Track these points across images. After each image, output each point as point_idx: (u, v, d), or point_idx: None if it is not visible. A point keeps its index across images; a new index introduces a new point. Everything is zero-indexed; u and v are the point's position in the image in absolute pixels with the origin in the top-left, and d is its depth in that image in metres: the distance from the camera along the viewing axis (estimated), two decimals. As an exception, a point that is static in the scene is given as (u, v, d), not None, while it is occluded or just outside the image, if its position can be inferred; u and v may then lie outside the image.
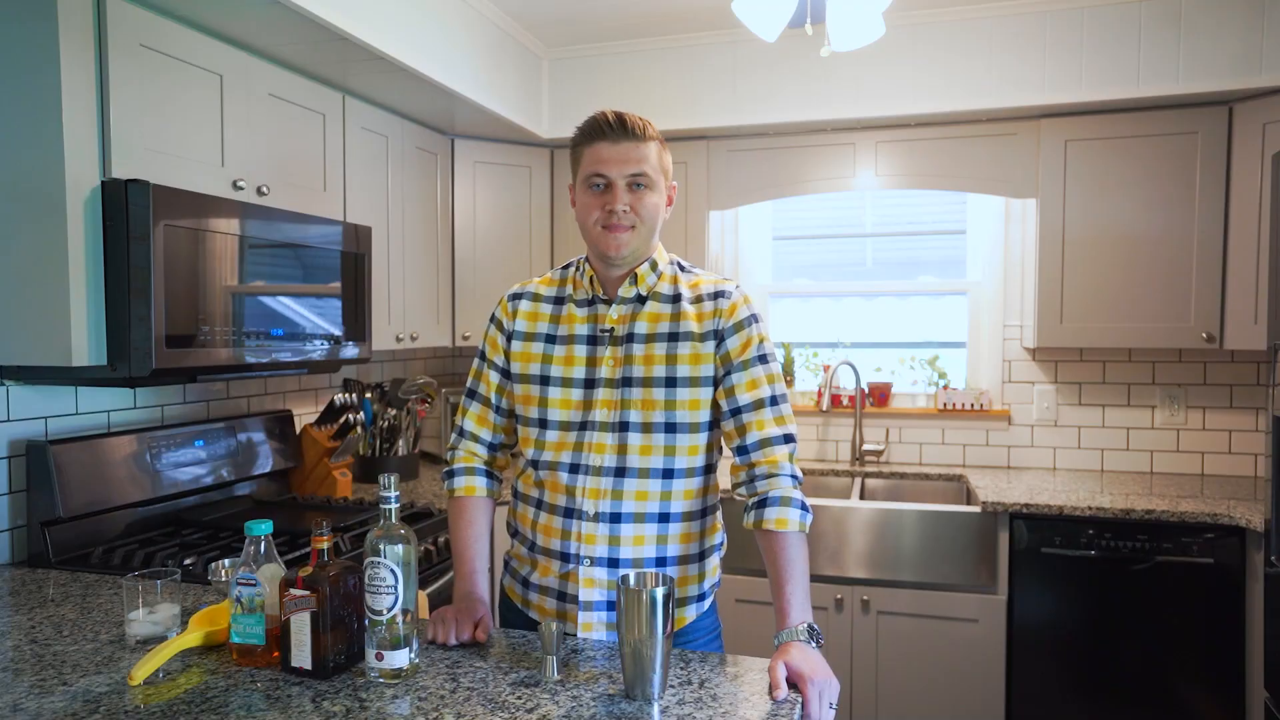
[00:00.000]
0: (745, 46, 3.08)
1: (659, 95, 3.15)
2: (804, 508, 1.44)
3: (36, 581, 1.81)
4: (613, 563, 1.46)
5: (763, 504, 1.44)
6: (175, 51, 1.96)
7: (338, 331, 2.37)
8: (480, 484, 1.59)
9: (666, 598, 1.18)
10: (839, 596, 2.80)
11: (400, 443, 3.02)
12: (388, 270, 2.81)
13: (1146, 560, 2.57)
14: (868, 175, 3.14)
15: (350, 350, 2.43)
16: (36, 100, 1.70)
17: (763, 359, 1.48)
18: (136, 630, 1.40)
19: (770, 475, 1.45)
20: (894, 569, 2.76)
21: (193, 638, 1.33)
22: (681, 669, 1.30)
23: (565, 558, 1.48)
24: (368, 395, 2.93)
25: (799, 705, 1.20)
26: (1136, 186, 2.85)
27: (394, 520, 1.27)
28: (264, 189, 2.20)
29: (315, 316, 2.29)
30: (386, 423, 3.00)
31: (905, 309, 3.53)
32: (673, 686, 1.24)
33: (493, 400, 1.60)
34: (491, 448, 1.62)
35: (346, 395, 2.86)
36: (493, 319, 1.61)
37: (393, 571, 1.23)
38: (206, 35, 2.05)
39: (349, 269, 2.42)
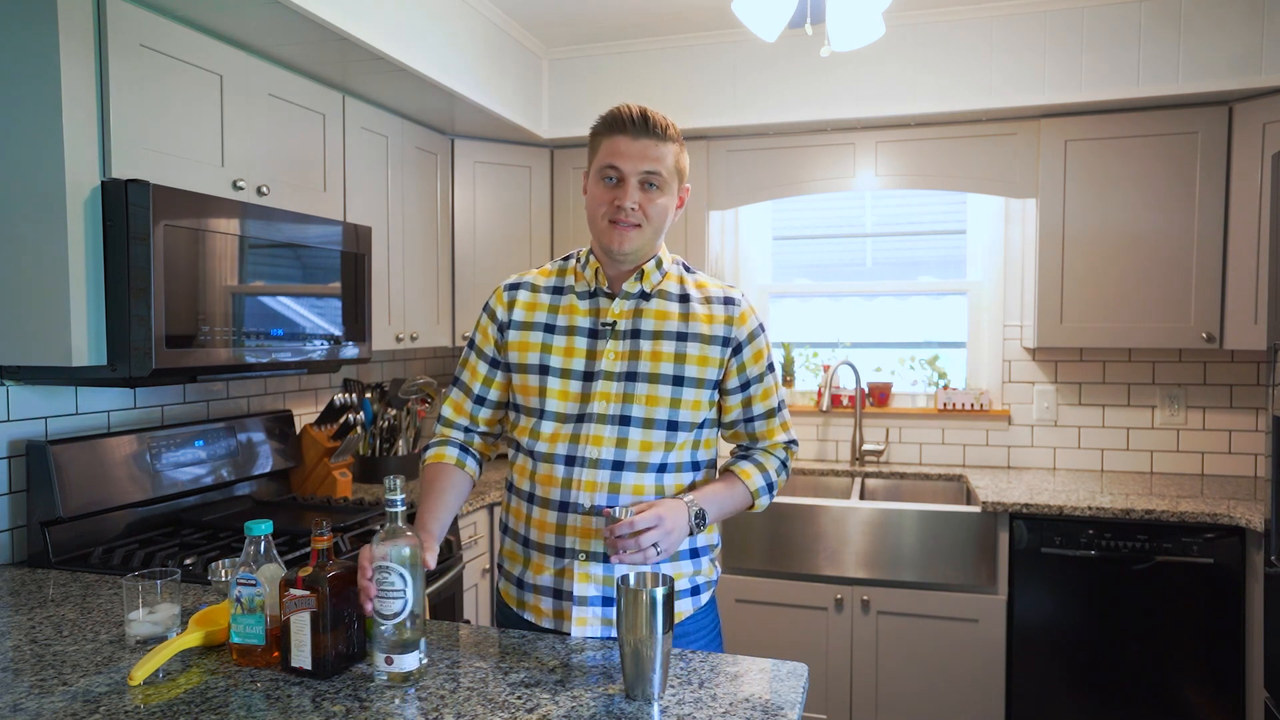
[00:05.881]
0: (745, 46, 3.08)
1: (659, 95, 3.14)
2: (771, 489, 1.57)
3: (36, 581, 1.81)
4: (608, 558, 1.44)
5: (745, 457, 1.60)
6: (175, 51, 1.96)
7: (338, 331, 2.37)
8: (450, 452, 1.57)
9: (667, 598, 1.18)
10: (839, 596, 2.80)
11: (400, 443, 3.02)
12: (388, 270, 2.81)
13: (1146, 560, 2.57)
14: (868, 175, 3.14)
15: (350, 350, 2.43)
16: (37, 100, 1.71)
17: (771, 368, 1.58)
18: (136, 630, 1.40)
19: (766, 451, 1.60)
20: (894, 569, 2.76)
21: (193, 638, 1.33)
22: (681, 669, 1.31)
23: (560, 553, 1.47)
24: (368, 395, 2.93)
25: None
26: (1136, 187, 2.85)
27: (400, 523, 1.26)
28: (264, 189, 2.20)
29: (315, 316, 2.29)
30: (386, 423, 3.00)
31: (905, 309, 3.53)
32: (673, 686, 1.24)
33: (475, 390, 1.59)
34: (468, 432, 1.61)
35: (346, 395, 2.86)
36: (486, 308, 1.59)
37: (401, 575, 1.23)
38: (206, 35, 2.05)
39: (349, 269, 2.42)
